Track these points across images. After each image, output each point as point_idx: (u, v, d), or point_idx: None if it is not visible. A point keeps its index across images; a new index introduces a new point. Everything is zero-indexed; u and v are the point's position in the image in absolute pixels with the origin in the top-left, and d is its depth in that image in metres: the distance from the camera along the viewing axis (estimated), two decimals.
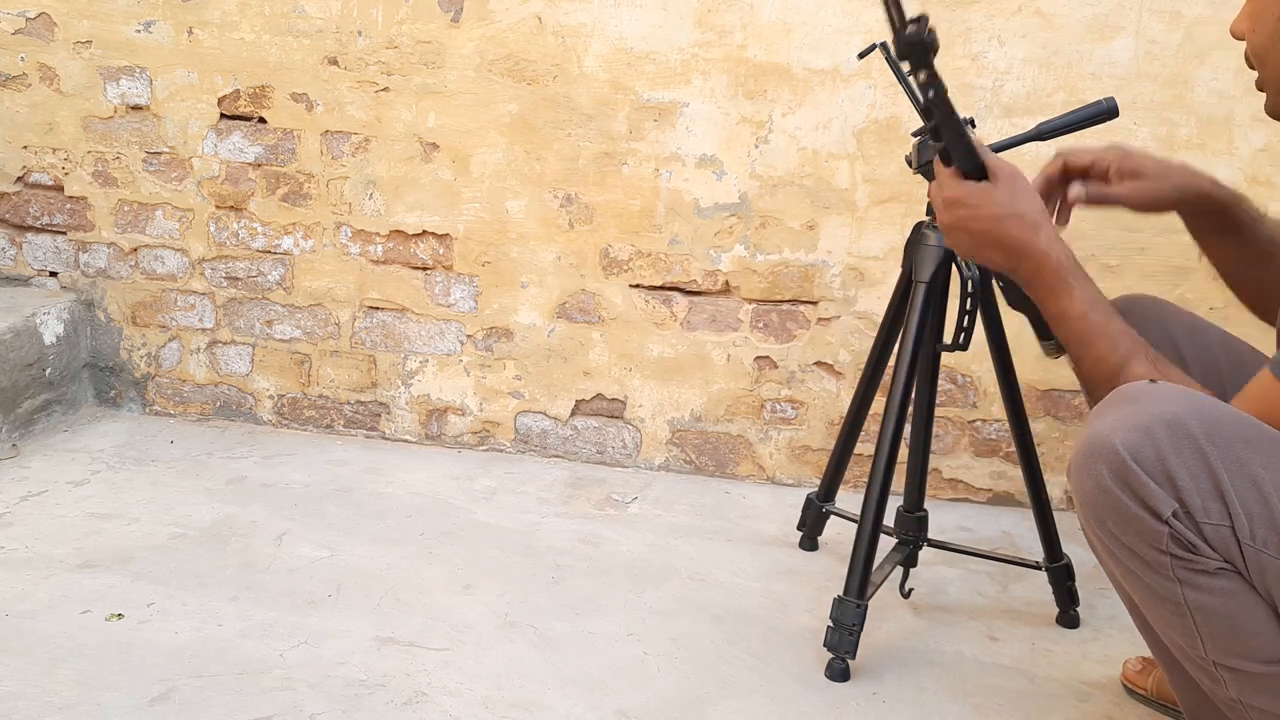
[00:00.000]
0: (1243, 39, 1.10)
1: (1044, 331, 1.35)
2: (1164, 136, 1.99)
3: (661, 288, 2.22)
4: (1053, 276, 1.11)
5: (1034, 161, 1.96)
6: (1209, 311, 1.75)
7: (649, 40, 2.11)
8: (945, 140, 1.14)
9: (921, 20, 1.08)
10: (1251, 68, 1.11)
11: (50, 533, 1.84)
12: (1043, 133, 1.47)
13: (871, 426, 1.93)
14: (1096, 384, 1.09)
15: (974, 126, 1.29)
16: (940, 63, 2.10)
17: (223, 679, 1.43)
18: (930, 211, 1.54)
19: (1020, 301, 1.31)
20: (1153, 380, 1.04)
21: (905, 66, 1.13)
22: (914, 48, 1.09)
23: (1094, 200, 1.30)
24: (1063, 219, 1.31)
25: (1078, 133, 1.48)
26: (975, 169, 1.15)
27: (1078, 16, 1.97)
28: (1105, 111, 1.43)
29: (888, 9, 1.08)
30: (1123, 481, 0.97)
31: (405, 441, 2.38)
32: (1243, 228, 1.29)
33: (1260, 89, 1.10)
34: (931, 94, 1.11)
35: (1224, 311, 1.96)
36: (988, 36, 2.00)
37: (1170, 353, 1.27)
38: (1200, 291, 2.01)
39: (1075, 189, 1.28)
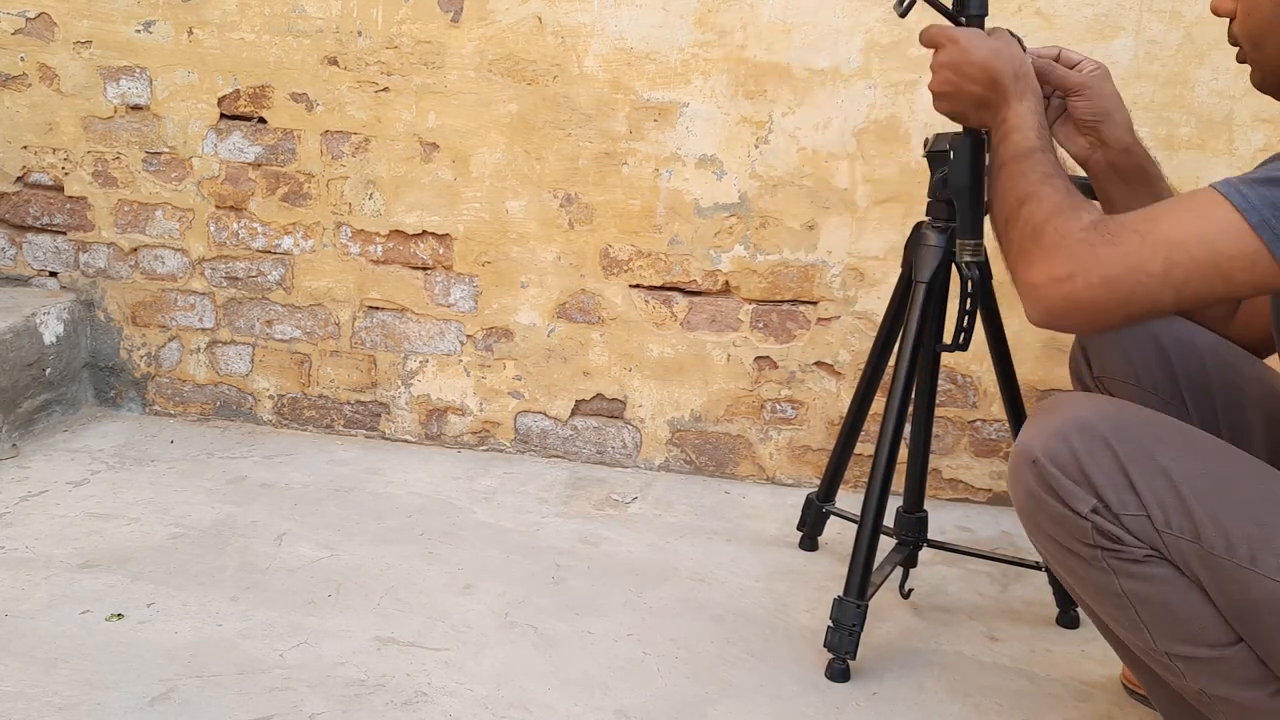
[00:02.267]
0: (1223, 16, 1.11)
1: (966, 226, 1.39)
2: (1164, 136, 1.99)
3: (661, 288, 2.22)
4: (1016, 97, 1.18)
5: None
6: None
7: (649, 40, 2.11)
8: None
9: None
10: (1234, 44, 1.12)
11: (50, 533, 1.84)
12: None
13: (871, 427, 1.93)
14: (1008, 160, 1.13)
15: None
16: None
17: (223, 679, 1.43)
18: (930, 211, 1.54)
19: (962, 179, 1.38)
20: (1057, 164, 1.10)
21: None
22: None
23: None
24: None
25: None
26: (979, 20, 1.32)
27: (1078, 16, 1.97)
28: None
29: None
30: (1045, 485, 1.02)
31: (405, 441, 2.38)
32: (1152, 181, 1.32)
33: (1243, 61, 1.12)
34: None
35: None
36: None
37: (1154, 354, 1.28)
38: None
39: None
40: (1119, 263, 0.95)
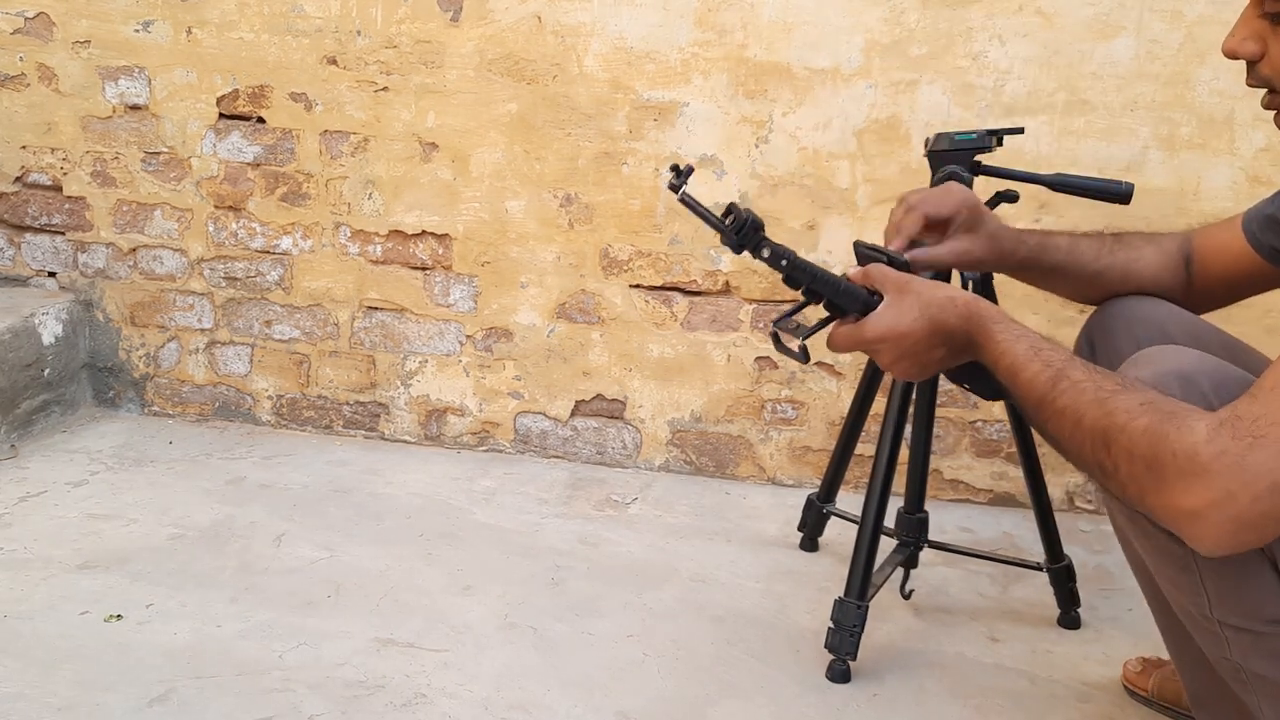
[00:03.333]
0: (1242, 58, 1.03)
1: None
2: (1165, 136, 1.99)
3: (661, 288, 2.22)
4: (982, 333, 1.07)
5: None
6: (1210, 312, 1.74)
7: (649, 39, 2.10)
8: (825, 293, 1.13)
9: (732, 208, 1.10)
10: (1261, 86, 1.05)
11: (49, 534, 1.83)
12: (1055, 184, 1.47)
13: (872, 427, 1.93)
14: (1043, 403, 1.00)
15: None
16: (941, 63, 2.11)
17: (222, 680, 1.43)
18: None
19: (993, 389, 1.20)
20: (1092, 375, 0.97)
21: (749, 255, 1.13)
22: (743, 234, 1.10)
23: (919, 264, 1.27)
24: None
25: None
26: (864, 300, 1.13)
27: (1079, 16, 1.97)
28: (1119, 194, 1.44)
29: (703, 218, 1.10)
30: None
31: (404, 442, 2.38)
32: (1066, 265, 1.29)
33: (1271, 107, 1.05)
34: (785, 263, 1.12)
35: (1225, 312, 1.96)
36: (988, 36, 2.00)
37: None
38: None
39: (914, 253, 1.28)
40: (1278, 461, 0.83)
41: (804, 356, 1.14)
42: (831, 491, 1.85)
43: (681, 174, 1.08)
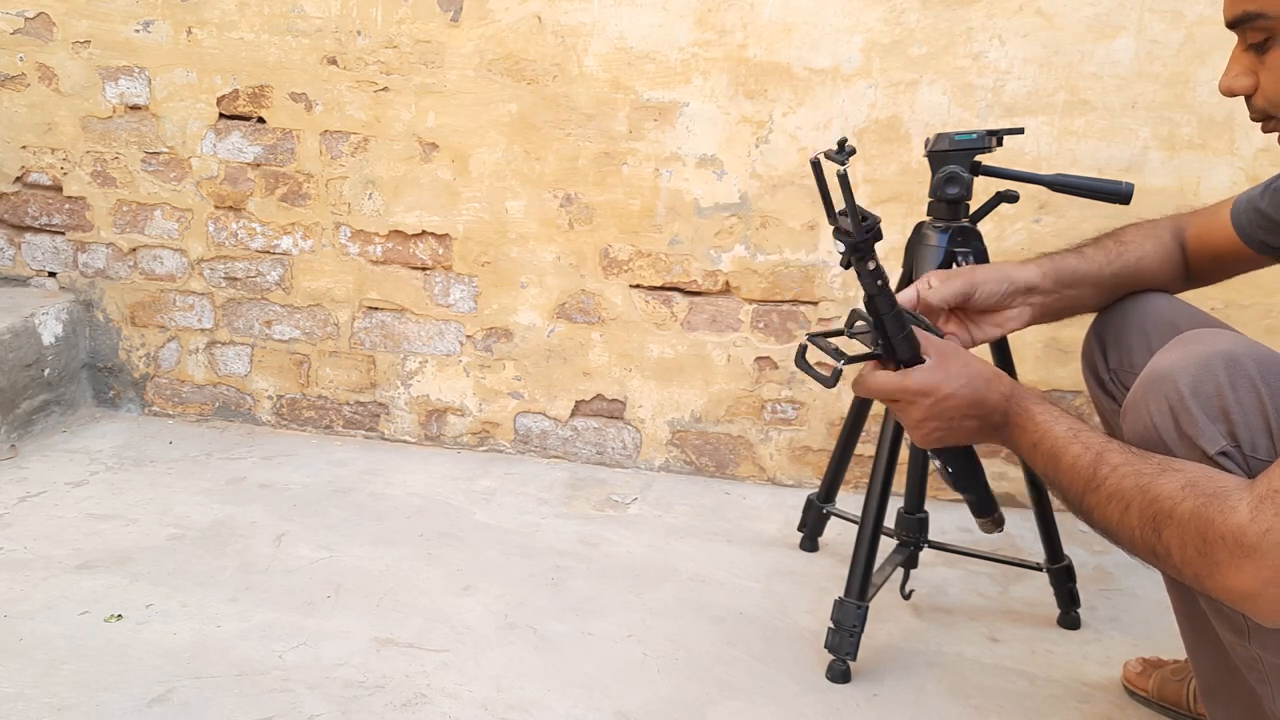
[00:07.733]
0: (1237, 95, 1.04)
1: (982, 509, 1.33)
2: (1165, 136, 1.99)
3: (661, 288, 2.22)
4: (1022, 413, 1.09)
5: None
6: (1210, 311, 1.74)
7: (649, 40, 2.10)
8: (891, 331, 1.11)
9: (868, 217, 1.07)
10: (1259, 118, 1.05)
11: (49, 534, 1.83)
12: (1055, 184, 1.48)
13: (872, 427, 1.93)
14: (1078, 489, 1.03)
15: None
16: (941, 63, 2.11)
17: (222, 680, 1.43)
18: (931, 211, 1.54)
19: (966, 482, 1.27)
20: (1130, 458, 0.99)
21: (851, 259, 1.10)
22: (870, 237, 1.07)
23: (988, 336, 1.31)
24: None
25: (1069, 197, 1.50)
26: (915, 354, 1.12)
27: (1079, 16, 1.97)
28: (1120, 194, 1.45)
29: (829, 205, 1.05)
30: (1183, 410, 0.97)
31: (404, 442, 2.38)
32: (1090, 274, 1.30)
33: (1270, 130, 1.05)
34: (880, 283, 1.09)
35: (1224, 312, 1.96)
36: (989, 36, 2.00)
37: None
38: (1196, 295, 2.00)
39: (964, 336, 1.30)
40: None
41: (832, 381, 1.14)
42: (831, 491, 1.85)
43: (845, 150, 1.03)
